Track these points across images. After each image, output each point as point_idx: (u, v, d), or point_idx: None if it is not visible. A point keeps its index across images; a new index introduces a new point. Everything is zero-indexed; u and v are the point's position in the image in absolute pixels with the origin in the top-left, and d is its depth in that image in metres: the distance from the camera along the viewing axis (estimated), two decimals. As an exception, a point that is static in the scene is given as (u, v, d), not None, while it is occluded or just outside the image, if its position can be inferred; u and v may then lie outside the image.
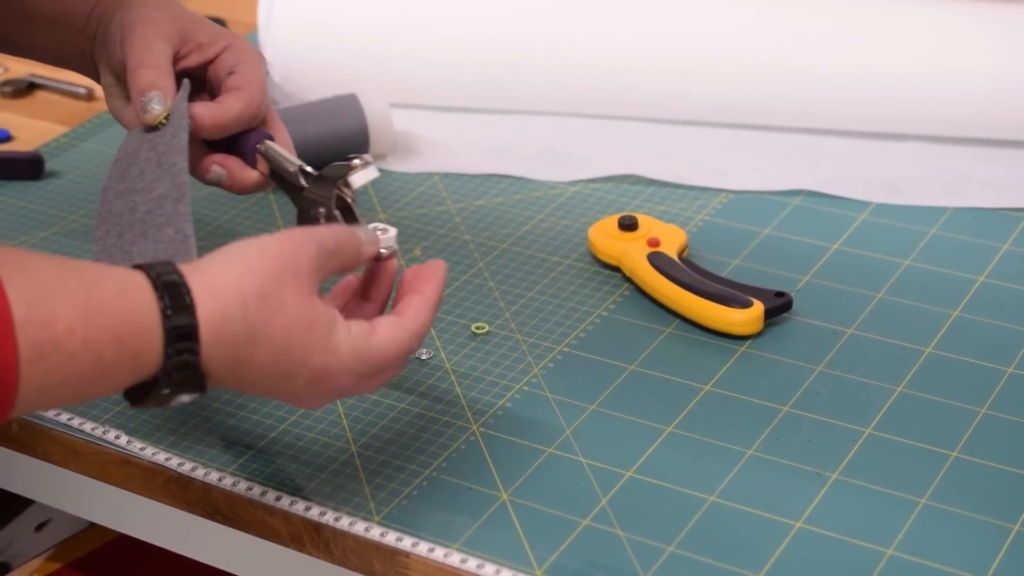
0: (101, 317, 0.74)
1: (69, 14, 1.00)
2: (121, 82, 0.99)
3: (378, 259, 0.89)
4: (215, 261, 0.79)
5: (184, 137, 0.94)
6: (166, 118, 0.95)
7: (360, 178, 0.92)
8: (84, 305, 0.74)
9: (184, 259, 0.86)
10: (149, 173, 0.93)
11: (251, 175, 0.96)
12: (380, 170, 1.22)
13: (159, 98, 0.95)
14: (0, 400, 0.72)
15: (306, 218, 0.93)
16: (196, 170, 0.96)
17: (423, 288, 0.87)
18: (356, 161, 0.92)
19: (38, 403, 0.74)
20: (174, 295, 0.76)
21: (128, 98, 0.98)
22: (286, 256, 0.80)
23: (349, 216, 0.92)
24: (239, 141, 0.97)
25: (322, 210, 0.92)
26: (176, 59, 0.98)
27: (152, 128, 0.95)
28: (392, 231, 0.90)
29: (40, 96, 1.37)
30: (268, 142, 0.96)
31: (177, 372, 0.77)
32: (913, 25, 1.25)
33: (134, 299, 0.75)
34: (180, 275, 0.77)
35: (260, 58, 0.99)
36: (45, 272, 0.74)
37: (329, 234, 0.84)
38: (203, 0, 1.47)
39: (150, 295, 0.76)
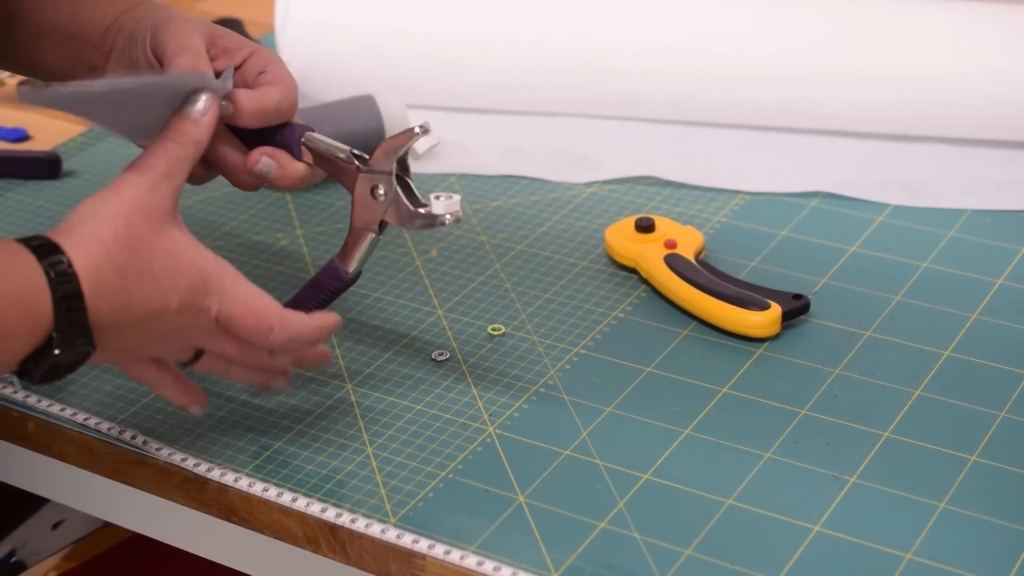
0: (3, 283, 0.79)
1: (85, 29, 1.00)
2: None
3: (442, 224, 0.93)
4: (71, 222, 0.84)
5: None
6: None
7: (423, 145, 0.93)
8: None
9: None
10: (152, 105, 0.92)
11: (299, 167, 0.96)
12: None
13: (209, 98, 0.94)
14: None
15: (365, 201, 0.94)
16: (245, 163, 0.96)
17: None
18: (416, 129, 0.93)
19: None
20: (52, 258, 0.81)
21: None
22: (126, 198, 0.85)
23: (409, 193, 0.93)
24: (282, 135, 0.96)
25: (382, 189, 0.93)
26: None
27: None
28: (456, 197, 0.93)
29: (56, 95, 1.37)
30: (310, 133, 0.95)
31: (69, 329, 0.81)
32: (931, 27, 1.25)
33: (23, 263, 0.81)
34: (49, 239, 0.82)
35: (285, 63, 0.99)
36: None
37: (158, 158, 0.88)
38: (220, 1, 1.47)
39: (32, 258, 0.81)
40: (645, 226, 1.10)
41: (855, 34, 1.25)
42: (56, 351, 0.81)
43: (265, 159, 0.95)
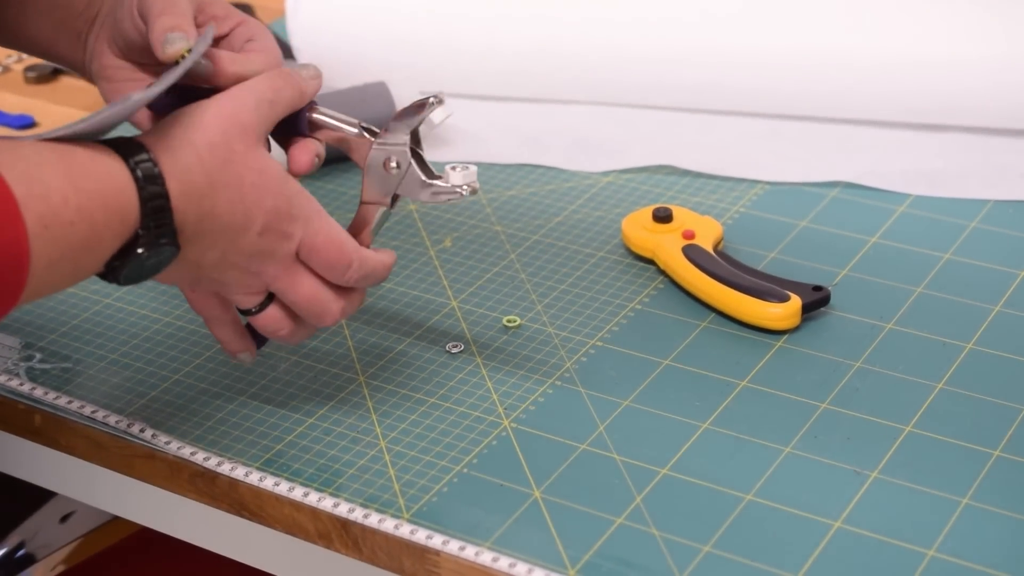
0: (86, 182, 0.79)
1: None
2: (127, 61, 0.97)
3: (460, 196, 0.92)
4: (165, 123, 0.84)
5: (185, 68, 0.90)
6: (186, 53, 0.90)
7: (439, 115, 0.92)
8: (68, 174, 0.79)
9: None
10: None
11: (304, 163, 0.94)
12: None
13: (182, 36, 0.92)
14: (14, 280, 0.76)
15: (378, 174, 0.92)
16: None
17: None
18: (431, 99, 0.92)
19: (44, 281, 0.78)
20: (137, 154, 0.81)
21: (134, 79, 0.96)
22: (227, 112, 0.85)
23: (423, 165, 0.93)
24: (285, 122, 0.92)
25: (395, 161, 0.92)
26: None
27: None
28: (472, 167, 0.92)
29: (64, 81, 1.36)
30: (317, 110, 0.93)
31: (155, 228, 0.81)
32: (955, 14, 1.23)
33: (106, 162, 0.80)
34: (135, 140, 0.82)
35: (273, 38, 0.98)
36: (24, 148, 0.78)
37: (266, 84, 0.88)
38: (231, -14, 1.46)
39: (116, 157, 0.81)
40: (663, 216, 1.09)
41: (876, 21, 1.24)
42: (140, 250, 0.81)
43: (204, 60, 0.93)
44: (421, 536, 0.87)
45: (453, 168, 0.92)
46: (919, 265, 1.08)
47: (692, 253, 1.06)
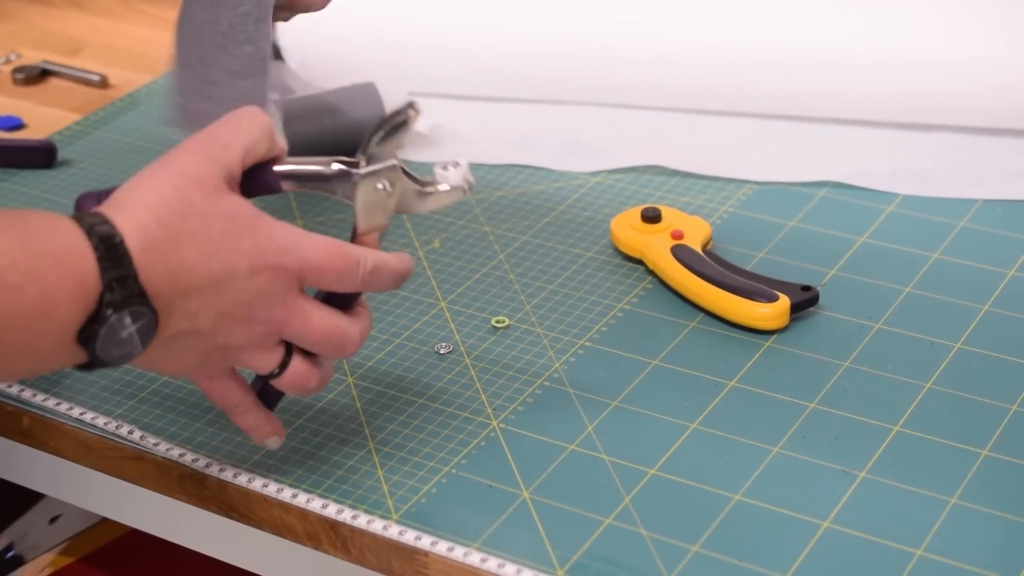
0: (36, 241, 0.75)
1: None
2: None
3: (464, 195, 0.89)
4: (116, 194, 0.81)
5: None
6: None
7: (423, 124, 0.89)
8: (20, 235, 0.75)
9: (259, 78, 0.86)
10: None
11: None
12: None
13: None
14: None
15: (372, 203, 0.87)
16: None
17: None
18: (409, 111, 0.87)
19: None
20: (90, 216, 0.78)
21: None
22: (175, 166, 0.82)
23: (412, 178, 0.88)
24: (256, 180, 0.87)
25: (386, 183, 0.87)
26: None
27: None
28: (463, 162, 0.88)
29: (53, 83, 1.36)
30: (284, 160, 0.87)
31: (118, 286, 0.77)
32: (942, 13, 1.23)
33: (60, 224, 0.77)
34: (88, 210, 0.79)
35: None
36: None
37: (215, 129, 0.84)
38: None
39: (69, 220, 0.78)
40: (651, 216, 1.09)
41: (865, 20, 1.24)
42: (108, 311, 0.77)
43: None
44: (410, 537, 0.87)
45: (444, 168, 0.89)
46: (908, 265, 1.08)
47: (681, 253, 1.06)
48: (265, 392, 0.89)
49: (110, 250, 0.77)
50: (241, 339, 0.83)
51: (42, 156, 1.22)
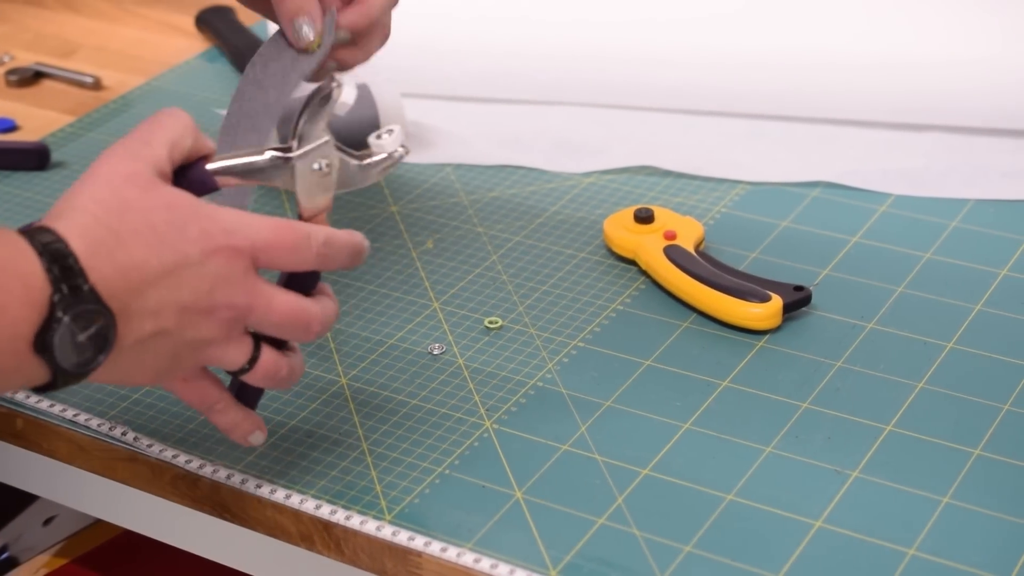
0: None
1: None
2: None
3: (401, 160, 0.88)
4: (48, 213, 0.80)
5: (316, 61, 0.94)
6: (319, 44, 0.94)
7: (349, 95, 0.91)
8: None
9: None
10: (279, 75, 0.93)
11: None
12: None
13: (309, 24, 0.94)
14: None
15: (312, 184, 0.86)
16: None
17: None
18: (334, 84, 0.85)
19: None
20: (30, 229, 0.77)
21: None
22: (103, 170, 0.81)
23: (347, 152, 0.87)
24: (188, 177, 0.86)
25: (323, 163, 0.86)
26: None
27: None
28: (396, 128, 0.88)
29: (46, 85, 1.36)
30: (214, 158, 0.86)
31: (68, 289, 0.75)
32: (934, 13, 1.24)
33: (1, 236, 0.76)
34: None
35: None
36: None
37: (136, 130, 0.83)
38: (212, -12, 1.46)
39: (8, 231, 0.77)
40: (644, 217, 1.09)
41: (857, 21, 1.24)
42: (60, 313, 0.75)
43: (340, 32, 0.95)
44: (403, 537, 0.87)
45: (378, 137, 0.88)
46: (900, 265, 1.08)
47: (673, 253, 1.06)
48: (243, 393, 0.88)
49: (55, 254, 0.76)
50: (209, 331, 0.82)
51: (36, 158, 1.22)
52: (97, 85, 1.35)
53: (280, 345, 0.86)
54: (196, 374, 0.85)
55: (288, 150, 0.86)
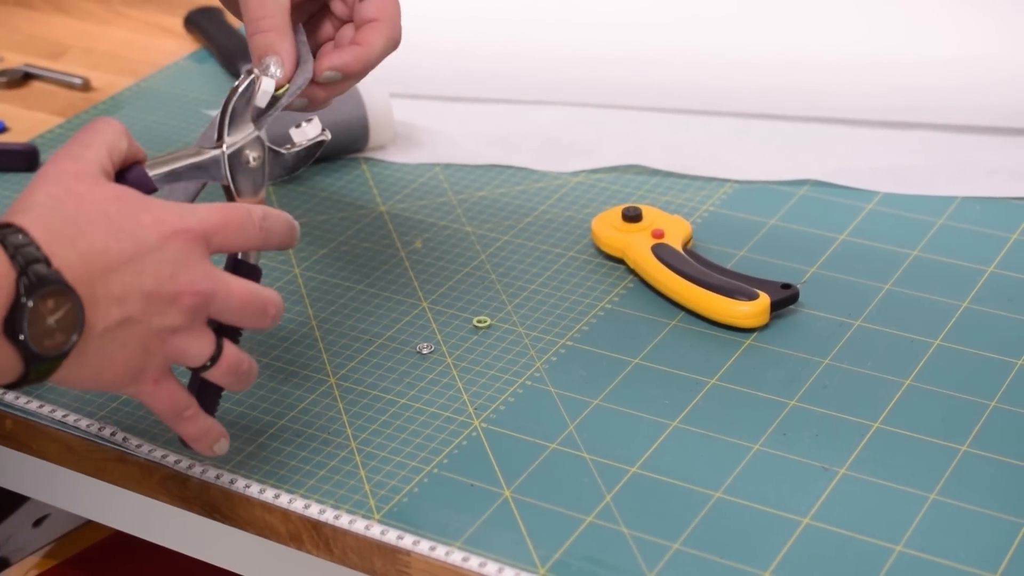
0: None
1: None
2: None
3: (326, 141, 0.93)
4: (4, 213, 0.81)
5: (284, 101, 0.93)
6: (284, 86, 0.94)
7: (269, 85, 0.91)
8: None
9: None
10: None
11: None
12: (378, 159, 1.21)
13: (276, 63, 0.93)
14: None
15: (244, 177, 0.90)
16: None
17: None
18: (254, 74, 0.90)
19: None
20: None
21: None
22: (49, 171, 0.83)
23: (271, 146, 0.92)
24: (127, 183, 0.88)
25: (252, 153, 0.90)
26: None
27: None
28: (315, 118, 0.93)
29: (35, 87, 1.36)
30: (149, 162, 0.89)
31: (32, 272, 0.77)
32: (920, 12, 1.24)
33: None
34: None
35: None
36: None
37: (72, 139, 0.85)
38: (201, -11, 1.46)
39: None
40: (632, 215, 1.09)
41: (844, 20, 1.24)
42: (25, 298, 0.76)
43: (329, 71, 0.94)
44: (392, 536, 0.87)
45: (297, 126, 0.92)
46: (887, 262, 1.08)
47: (661, 252, 1.06)
48: (203, 399, 0.88)
49: (17, 244, 0.77)
50: (174, 319, 0.82)
51: (25, 159, 1.22)
52: (86, 86, 1.35)
53: (235, 343, 0.87)
54: (164, 375, 0.85)
55: (219, 147, 0.90)
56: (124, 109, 1.31)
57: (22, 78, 1.37)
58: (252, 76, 0.90)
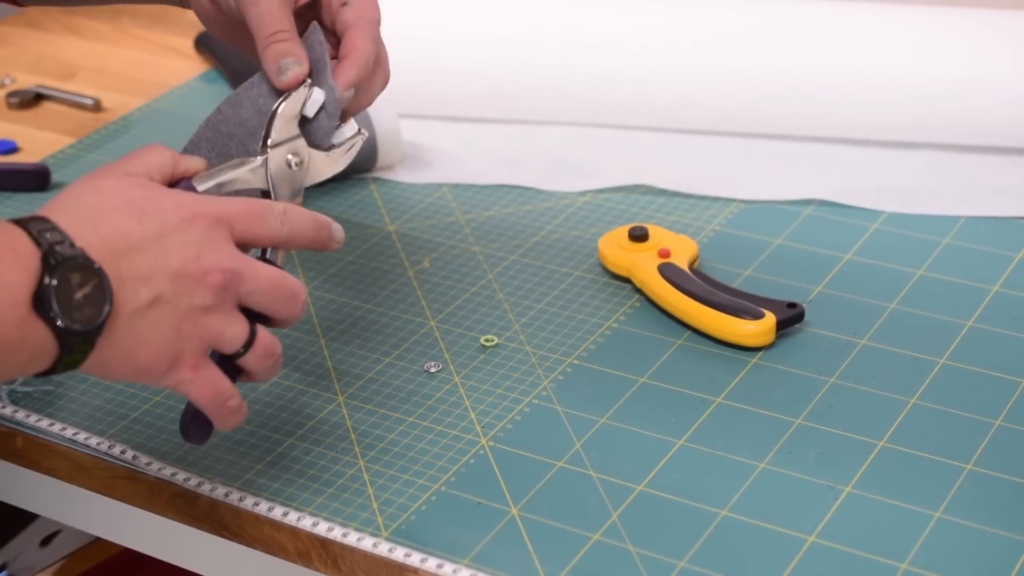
0: None
1: None
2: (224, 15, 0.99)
3: (363, 138, 0.95)
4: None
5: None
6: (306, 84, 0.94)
7: (314, 103, 0.93)
8: None
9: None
10: (256, 103, 0.94)
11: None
12: (387, 179, 1.22)
13: (295, 61, 0.93)
14: None
15: (284, 179, 0.92)
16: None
17: None
18: (307, 82, 0.92)
19: None
20: (14, 218, 0.80)
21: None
22: (76, 181, 0.84)
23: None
24: None
25: (295, 157, 0.92)
26: None
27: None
28: (351, 120, 0.95)
29: (47, 107, 1.37)
30: (198, 178, 0.90)
31: (58, 250, 0.78)
32: (925, 33, 1.24)
33: None
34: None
35: None
36: None
37: (128, 154, 0.87)
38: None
39: None
40: (639, 235, 1.09)
41: (850, 40, 1.25)
42: (49, 277, 0.77)
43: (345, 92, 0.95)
44: (399, 554, 0.87)
45: (338, 127, 0.94)
46: (892, 281, 1.09)
47: (668, 271, 1.06)
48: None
49: (39, 228, 0.79)
50: (204, 297, 0.82)
51: (36, 179, 1.22)
52: (97, 107, 1.36)
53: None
54: (203, 361, 0.84)
55: (264, 153, 0.92)
56: (135, 129, 1.32)
57: (33, 99, 1.37)
58: (305, 84, 0.92)
